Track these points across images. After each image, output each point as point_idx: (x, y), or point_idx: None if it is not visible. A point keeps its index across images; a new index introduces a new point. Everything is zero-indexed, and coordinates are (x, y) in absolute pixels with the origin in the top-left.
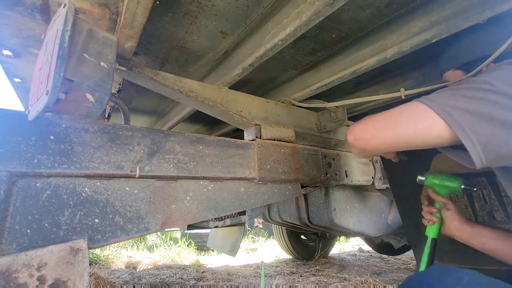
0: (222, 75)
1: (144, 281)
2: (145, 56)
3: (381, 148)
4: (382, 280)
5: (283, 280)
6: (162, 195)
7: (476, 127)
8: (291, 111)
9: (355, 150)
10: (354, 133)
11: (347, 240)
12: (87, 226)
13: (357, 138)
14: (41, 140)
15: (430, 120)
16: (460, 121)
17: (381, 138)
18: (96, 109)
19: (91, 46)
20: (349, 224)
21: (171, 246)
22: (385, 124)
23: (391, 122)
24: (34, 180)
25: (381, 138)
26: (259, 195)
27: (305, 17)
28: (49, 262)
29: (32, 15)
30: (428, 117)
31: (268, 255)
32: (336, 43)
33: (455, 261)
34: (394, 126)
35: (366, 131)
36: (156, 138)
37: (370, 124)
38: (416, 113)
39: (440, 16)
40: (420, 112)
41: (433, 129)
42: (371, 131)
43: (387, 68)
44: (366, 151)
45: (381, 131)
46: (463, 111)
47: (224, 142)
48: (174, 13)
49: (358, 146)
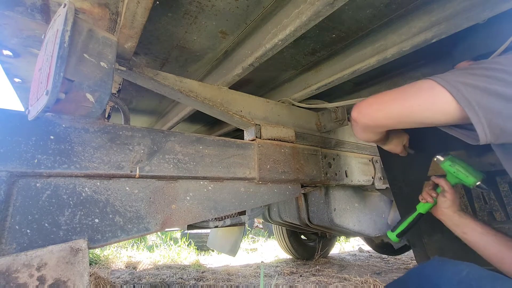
0: (222, 75)
1: (144, 281)
2: (145, 56)
3: (385, 123)
4: (382, 280)
5: (283, 280)
6: (162, 195)
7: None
8: (291, 111)
9: (359, 126)
10: (359, 107)
11: (347, 240)
12: (87, 226)
13: (361, 111)
14: (41, 140)
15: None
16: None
17: (386, 111)
18: (96, 109)
19: (91, 46)
20: (349, 224)
21: (171, 246)
22: (390, 97)
23: (397, 95)
24: (34, 180)
25: (386, 112)
26: (259, 195)
27: (305, 17)
28: (49, 262)
29: (32, 15)
30: (435, 91)
31: (268, 255)
32: (336, 43)
33: (455, 257)
34: (400, 99)
35: (371, 104)
36: (156, 138)
37: (376, 98)
38: (423, 88)
39: (440, 16)
40: (427, 87)
41: (439, 103)
42: (377, 104)
43: (387, 68)
44: (369, 127)
45: (386, 104)
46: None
47: (224, 142)
48: (174, 13)
49: (362, 121)
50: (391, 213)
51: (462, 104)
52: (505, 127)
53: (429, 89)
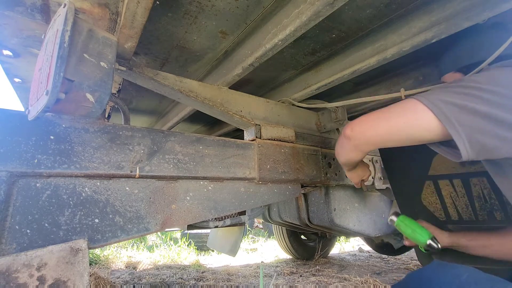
0: (222, 75)
1: (144, 281)
2: (145, 56)
3: (375, 140)
4: (382, 280)
5: (283, 280)
6: (162, 195)
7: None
8: (291, 111)
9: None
10: (352, 125)
11: (347, 240)
12: (87, 226)
13: (354, 129)
14: (41, 140)
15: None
16: (447, 113)
17: (376, 129)
18: (96, 109)
19: (91, 46)
20: (349, 224)
21: (171, 246)
22: (379, 116)
23: (385, 114)
24: (34, 180)
25: (375, 129)
26: (259, 195)
27: (305, 17)
28: (49, 262)
29: (32, 15)
30: (417, 109)
31: (268, 255)
32: (336, 43)
33: (455, 261)
34: (387, 118)
35: (362, 123)
36: (156, 138)
37: (365, 117)
38: (407, 107)
39: (440, 16)
40: (411, 106)
41: (422, 121)
42: (367, 122)
43: (387, 68)
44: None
45: (375, 122)
46: (450, 104)
47: (224, 142)
48: (174, 13)
49: (355, 138)
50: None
51: (443, 121)
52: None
53: (413, 108)
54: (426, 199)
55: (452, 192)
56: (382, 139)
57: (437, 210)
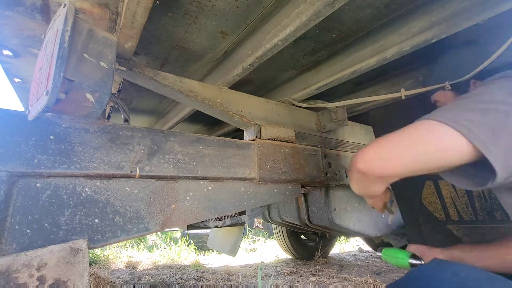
0: (222, 75)
1: (144, 281)
2: (145, 56)
3: (398, 172)
4: (382, 280)
5: (283, 280)
6: (162, 195)
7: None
8: (291, 111)
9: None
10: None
11: (347, 240)
12: (87, 226)
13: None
14: (41, 140)
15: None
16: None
17: (399, 159)
18: (96, 109)
19: (91, 46)
20: (349, 224)
21: (171, 246)
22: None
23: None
24: (34, 180)
25: (398, 160)
26: (259, 195)
27: (305, 17)
28: (49, 262)
29: (32, 15)
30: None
31: (268, 255)
32: (336, 43)
33: None
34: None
35: (380, 153)
36: (156, 138)
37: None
38: (432, 131)
39: (440, 16)
40: (437, 129)
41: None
42: (386, 153)
43: (387, 68)
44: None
45: (398, 152)
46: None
47: (224, 142)
48: (174, 13)
49: (373, 172)
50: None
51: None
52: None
53: (440, 132)
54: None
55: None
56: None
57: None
